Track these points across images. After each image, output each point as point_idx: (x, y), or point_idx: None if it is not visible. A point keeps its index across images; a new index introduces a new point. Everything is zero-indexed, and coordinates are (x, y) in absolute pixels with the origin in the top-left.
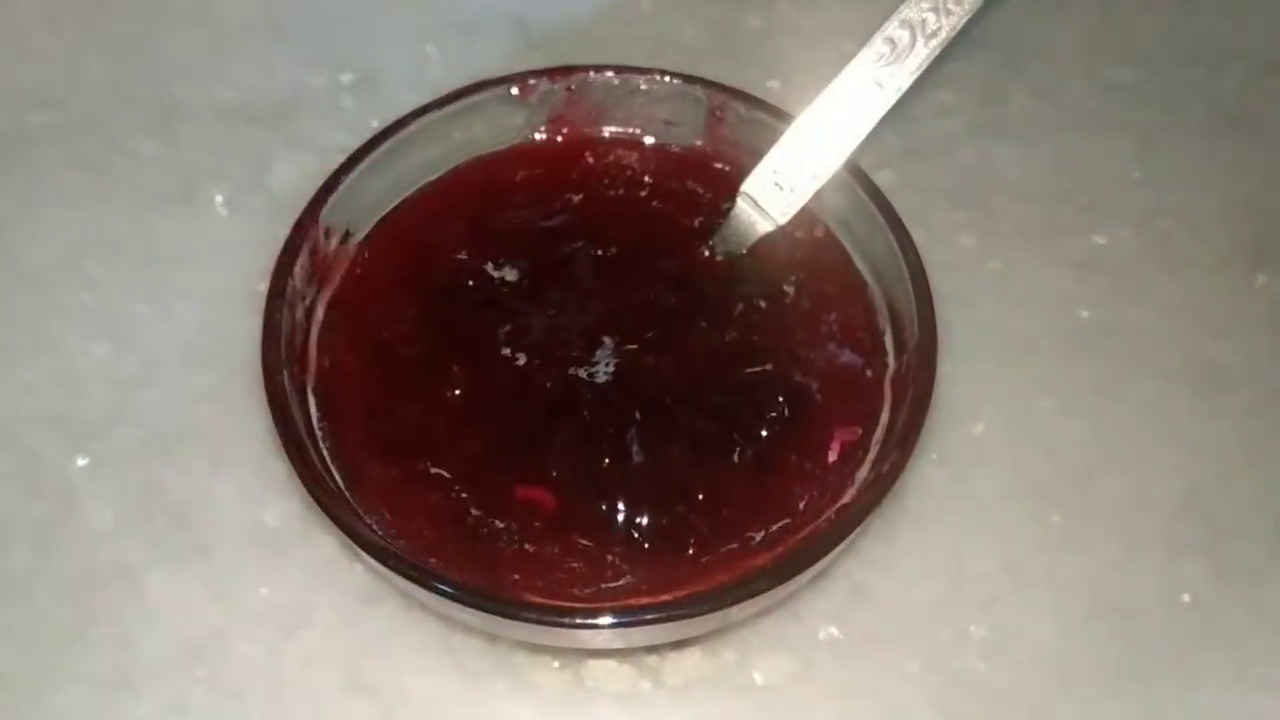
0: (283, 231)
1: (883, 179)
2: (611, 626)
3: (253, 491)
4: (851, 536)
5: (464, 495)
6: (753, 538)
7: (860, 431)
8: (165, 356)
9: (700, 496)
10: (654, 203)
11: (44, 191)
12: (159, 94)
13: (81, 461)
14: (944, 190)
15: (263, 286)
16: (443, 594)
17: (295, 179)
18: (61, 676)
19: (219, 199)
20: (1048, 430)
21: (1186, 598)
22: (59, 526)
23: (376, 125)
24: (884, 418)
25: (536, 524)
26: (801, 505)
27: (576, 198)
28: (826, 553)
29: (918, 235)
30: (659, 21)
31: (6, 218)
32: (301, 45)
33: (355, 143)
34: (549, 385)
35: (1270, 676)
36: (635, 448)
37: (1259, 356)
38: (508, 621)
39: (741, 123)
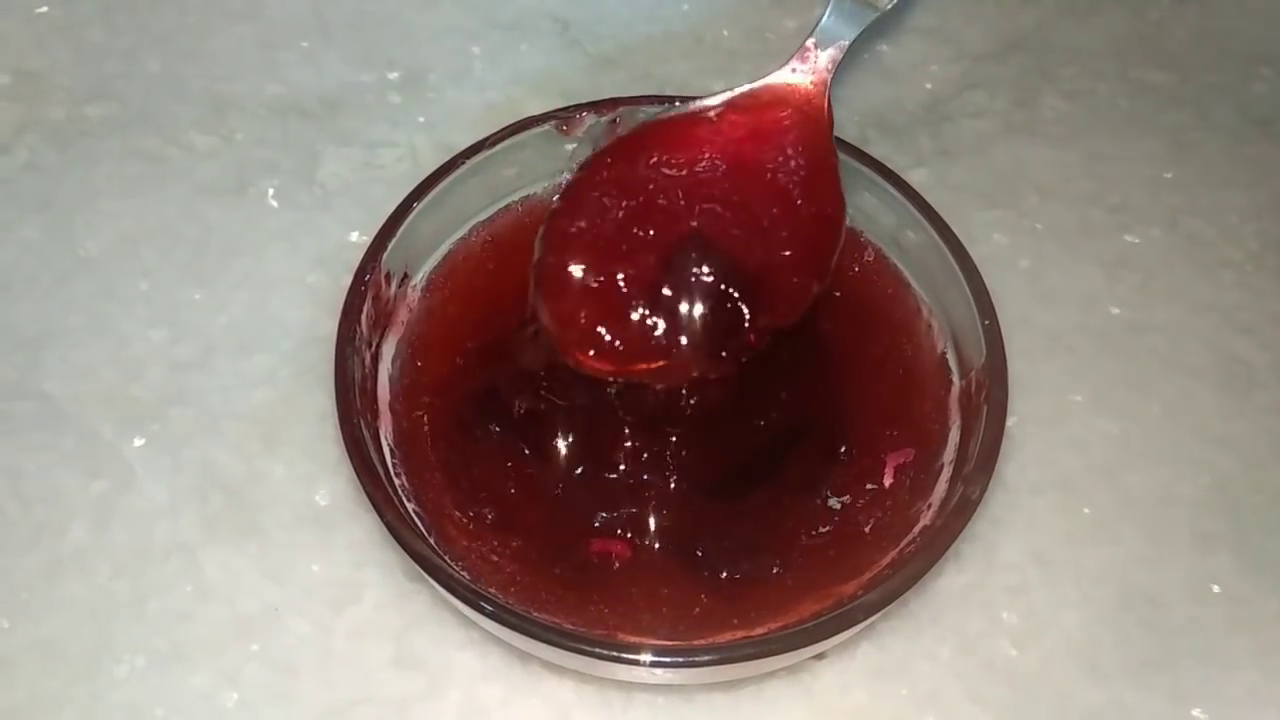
0: (331, 223)
1: (916, 178)
2: (714, 664)
3: (303, 472)
4: (942, 559)
5: (546, 545)
6: (832, 567)
7: (914, 453)
8: (219, 342)
9: (773, 535)
10: None
11: (102, 182)
12: (212, 89)
13: (139, 442)
14: (977, 189)
15: (312, 277)
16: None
17: (344, 172)
18: (119, 649)
19: (270, 191)
20: (1078, 425)
21: (1215, 589)
22: (117, 504)
23: (423, 121)
24: (954, 436)
25: (618, 570)
26: (867, 530)
27: None
28: (921, 575)
29: None
30: (697, 22)
31: (66, 207)
32: (350, 43)
33: (402, 138)
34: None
35: None
36: (704, 491)
37: None
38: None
39: None
